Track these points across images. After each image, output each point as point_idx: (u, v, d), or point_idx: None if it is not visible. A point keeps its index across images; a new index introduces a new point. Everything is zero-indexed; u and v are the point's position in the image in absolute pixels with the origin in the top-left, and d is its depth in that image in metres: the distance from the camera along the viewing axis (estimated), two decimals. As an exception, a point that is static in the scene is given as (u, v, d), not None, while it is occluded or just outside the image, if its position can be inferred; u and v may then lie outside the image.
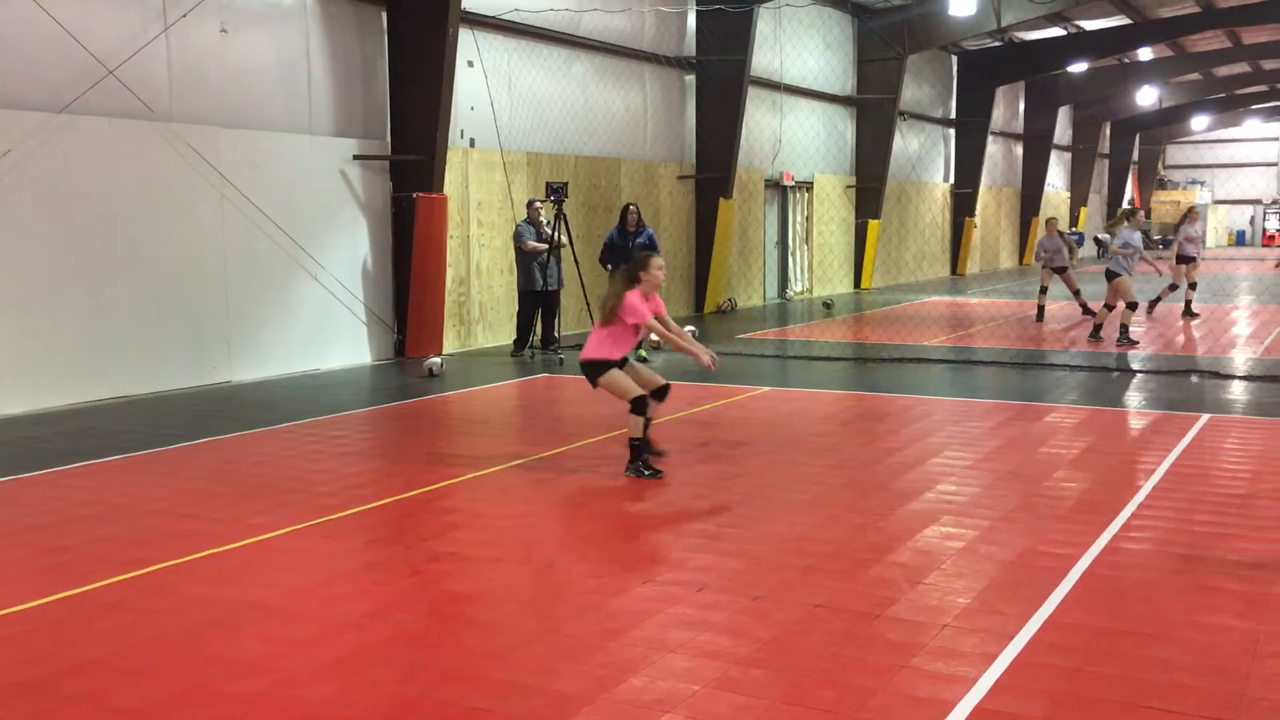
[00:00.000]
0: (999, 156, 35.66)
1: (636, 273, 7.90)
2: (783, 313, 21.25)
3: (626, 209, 13.82)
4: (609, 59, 18.13)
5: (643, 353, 13.95)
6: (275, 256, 12.85)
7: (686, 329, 9.19)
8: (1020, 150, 37.41)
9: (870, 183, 26.42)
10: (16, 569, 5.86)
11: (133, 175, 11.31)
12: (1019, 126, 37.13)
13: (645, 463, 7.80)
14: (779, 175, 23.41)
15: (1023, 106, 37.07)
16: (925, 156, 30.37)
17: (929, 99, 30.33)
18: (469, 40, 15.01)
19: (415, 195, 14.07)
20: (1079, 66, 32.98)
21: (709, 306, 20.75)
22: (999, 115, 34.13)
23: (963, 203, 32.39)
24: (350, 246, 13.91)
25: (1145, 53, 34.00)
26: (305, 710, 4.15)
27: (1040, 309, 19.16)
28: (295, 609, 5.21)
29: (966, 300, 23.80)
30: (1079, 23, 30.64)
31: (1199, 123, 49.14)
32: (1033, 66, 32.72)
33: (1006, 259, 37.03)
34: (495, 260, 15.67)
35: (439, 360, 13.03)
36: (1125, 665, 4.47)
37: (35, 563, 5.96)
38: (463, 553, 6.08)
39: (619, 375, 7.85)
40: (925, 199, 30.41)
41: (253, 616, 5.11)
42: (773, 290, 24.01)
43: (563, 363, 13.70)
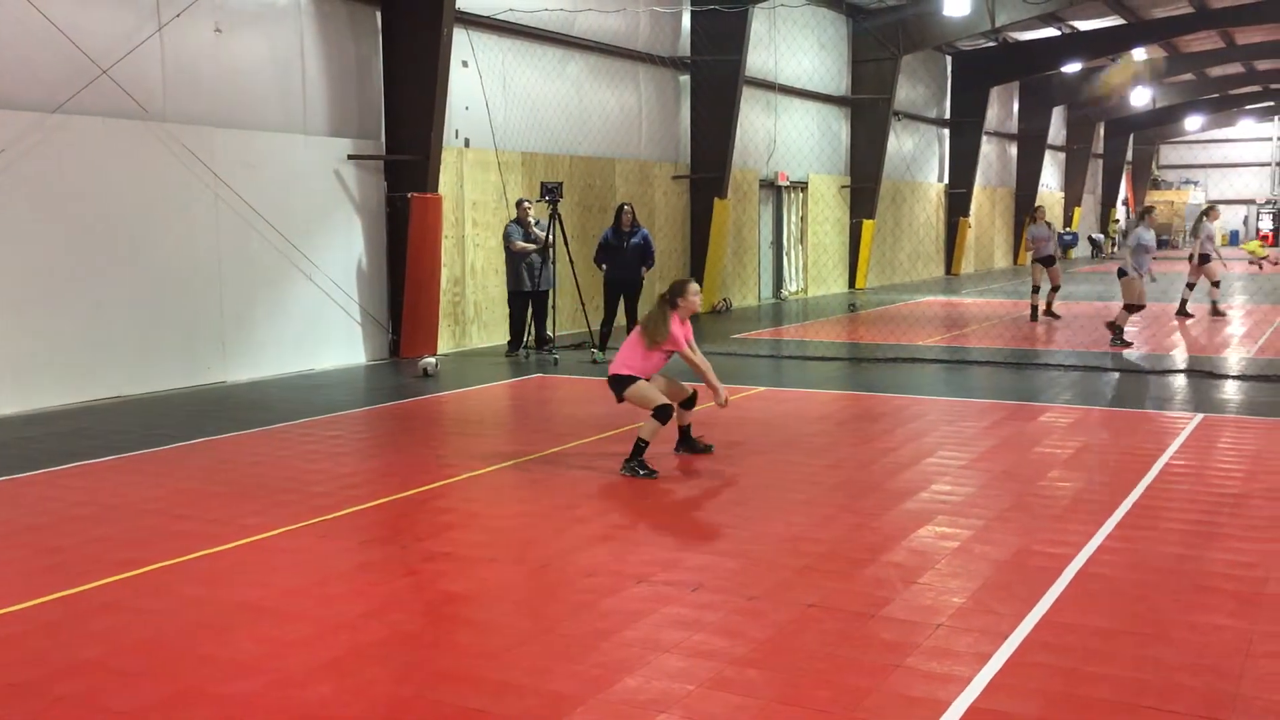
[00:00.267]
0: (993, 156, 35.71)
1: (675, 298, 8.12)
2: (778, 313, 21.26)
3: (621, 209, 13.83)
4: (604, 59, 18.13)
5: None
6: (270, 256, 12.84)
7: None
8: (1015, 150, 37.47)
9: (865, 183, 26.44)
10: (11, 569, 5.84)
11: (127, 175, 11.29)
12: (1013, 127, 37.18)
13: (642, 463, 7.83)
14: (774, 175, 23.42)
15: (1017, 106, 37.12)
16: (920, 157, 30.40)
17: (923, 99, 30.36)
18: (463, 40, 15.00)
19: (410, 195, 14.06)
20: (1073, 66, 33.04)
21: (704, 307, 20.76)
22: (993, 115, 34.17)
23: (957, 203, 32.43)
24: (345, 246, 13.90)
25: (1139, 53, 34.06)
26: (301, 711, 4.14)
27: (1034, 309, 19.15)
28: (290, 609, 5.21)
29: (961, 300, 23.82)
30: (1073, 23, 30.70)
31: (1193, 123, 49.26)
32: (1027, 67, 32.79)
33: (1001, 259, 37.09)
34: (490, 260, 15.66)
35: (434, 360, 13.03)
36: (1119, 664, 4.48)
37: (30, 563, 5.95)
38: (458, 553, 6.08)
39: (645, 386, 8.01)
40: (920, 199, 30.45)
41: (247, 617, 5.11)
42: (768, 290, 24.03)
43: (557, 363, 13.70)
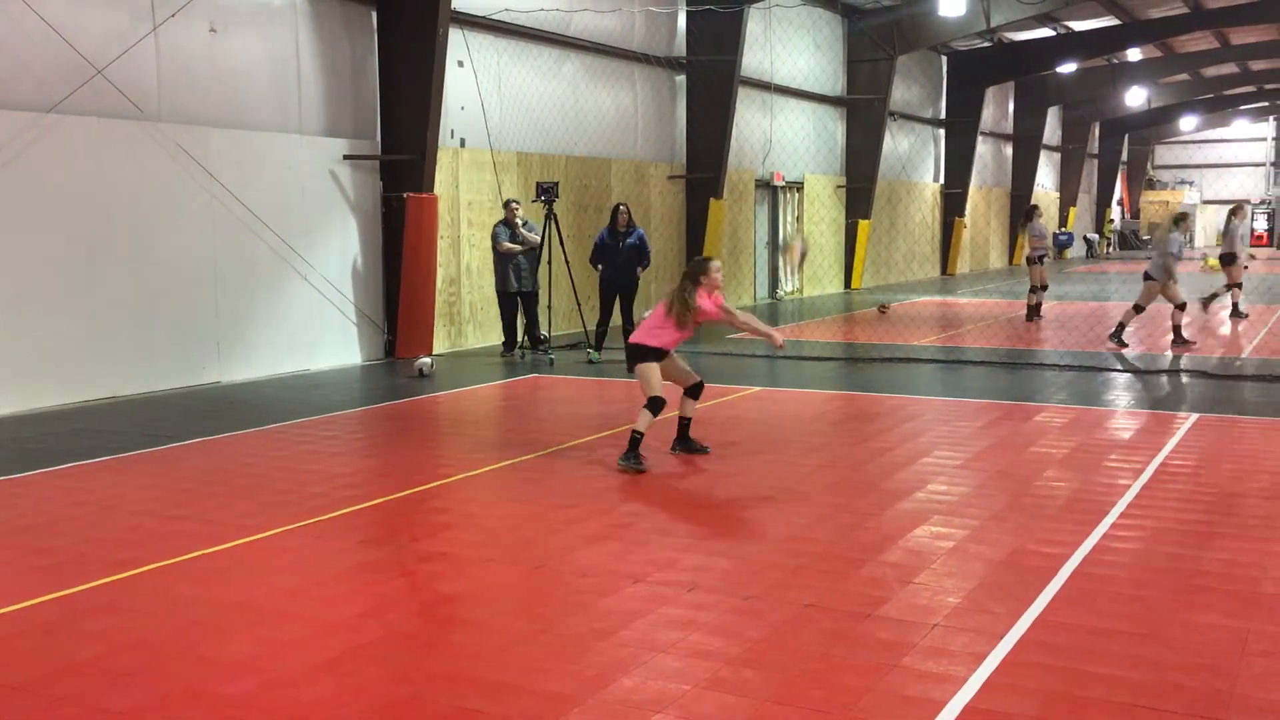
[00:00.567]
0: (988, 157, 35.76)
1: (698, 276, 8.32)
2: (773, 313, 21.26)
3: (617, 209, 13.83)
4: (599, 59, 18.13)
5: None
6: (265, 256, 12.82)
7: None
8: (1010, 150, 37.51)
9: (860, 183, 26.46)
10: (8, 570, 5.84)
11: (122, 175, 11.27)
12: (1008, 127, 37.23)
13: (639, 458, 8.00)
14: (769, 175, 23.43)
15: (1012, 107, 37.17)
16: (915, 157, 30.43)
17: (919, 99, 30.39)
18: (459, 40, 15.00)
19: (405, 195, 14.05)
20: (1068, 67, 33.09)
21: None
22: (988, 115, 34.21)
23: (952, 203, 32.47)
24: (340, 247, 13.89)
25: (1134, 53, 34.12)
26: (296, 711, 4.14)
27: (1029, 308, 19.19)
28: (286, 610, 5.20)
29: (956, 300, 23.85)
30: (1068, 23, 30.74)
31: (1187, 123, 49.35)
32: (1022, 67, 32.83)
33: (996, 259, 37.13)
34: (485, 260, 15.64)
35: (429, 360, 13.02)
36: (1115, 664, 4.49)
37: (25, 563, 5.94)
38: (454, 553, 6.08)
39: (654, 370, 8.28)
40: (915, 199, 30.47)
41: (243, 617, 5.11)
42: (763, 290, 24.04)
43: (553, 363, 13.70)
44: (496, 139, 15.81)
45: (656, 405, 8.11)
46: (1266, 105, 47.54)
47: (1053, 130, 41.19)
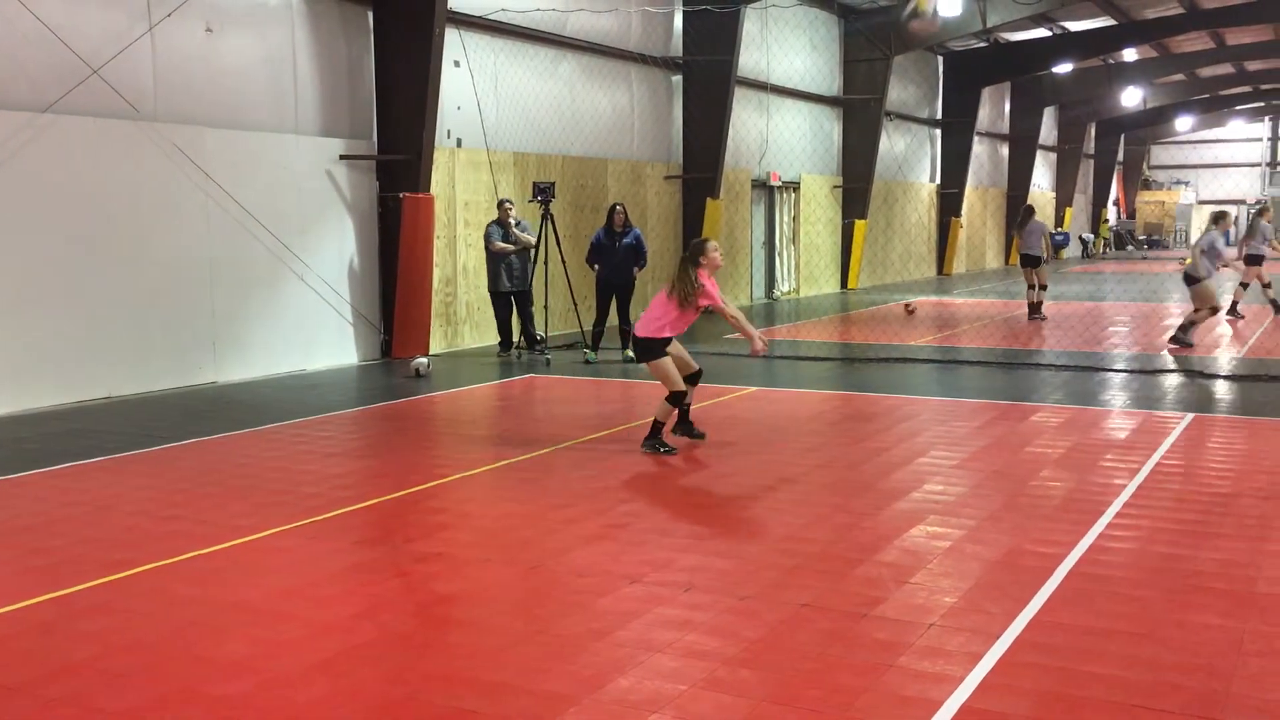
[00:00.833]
0: (985, 157, 35.77)
1: (697, 257, 8.48)
2: (770, 313, 21.27)
3: (613, 209, 13.82)
4: (596, 59, 18.13)
5: (630, 353, 13.95)
6: (261, 256, 12.81)
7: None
8: (1006, 150, 37.54)
9: (857, 183, 26.47)
10: (3, 570, 5.82)
11: (118, 175, 11.26)
12: (1005, 127, 37.25)
13: (661, 441, 8.45)
14: (766, 175, 23.44)
15: (1008, 107, 37.19)
16: (911, 157, 30.45)
17: (915, 99, 30.41)
18: (455, 40, 14.99)
19: (402, 195, 14.05)
20: (1064, 67, 33.12)
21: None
22: (985, 116, 34.23)
23: (949, 203, 32.48)
24: (336, 247, 13.88)
25: (1130, 53, 34.15)
26: (292, 712, 4.14)
27: (1031, 305, 19.26)
28: (282, 610, 5.20)
29: (953, 300, 23.86)
30: (1064, 24, 30.76)
31: (1183, 123, 49.39)
32: (1018, 67, 32.85)
33: (993, 259, 37.15)
34: (482, 260, 15.60)
35: (426, 361, 13.01)
36: (1111, 664, 4.49)
37: (21, 564, 5.93)
38: (450, 553, 6.08)
39: (670, 365, 8.50)
40: (911, 199, 30.49)
41: (239, 618, 5.10)
42: (760, 290, 24.05)
43: (549, 363, 13.69)
44: (493, 139, 15.80)
45: (677, 399, 8.49)
46: (1262, 105, 47.60)
47: (1049, 130, 41.22)
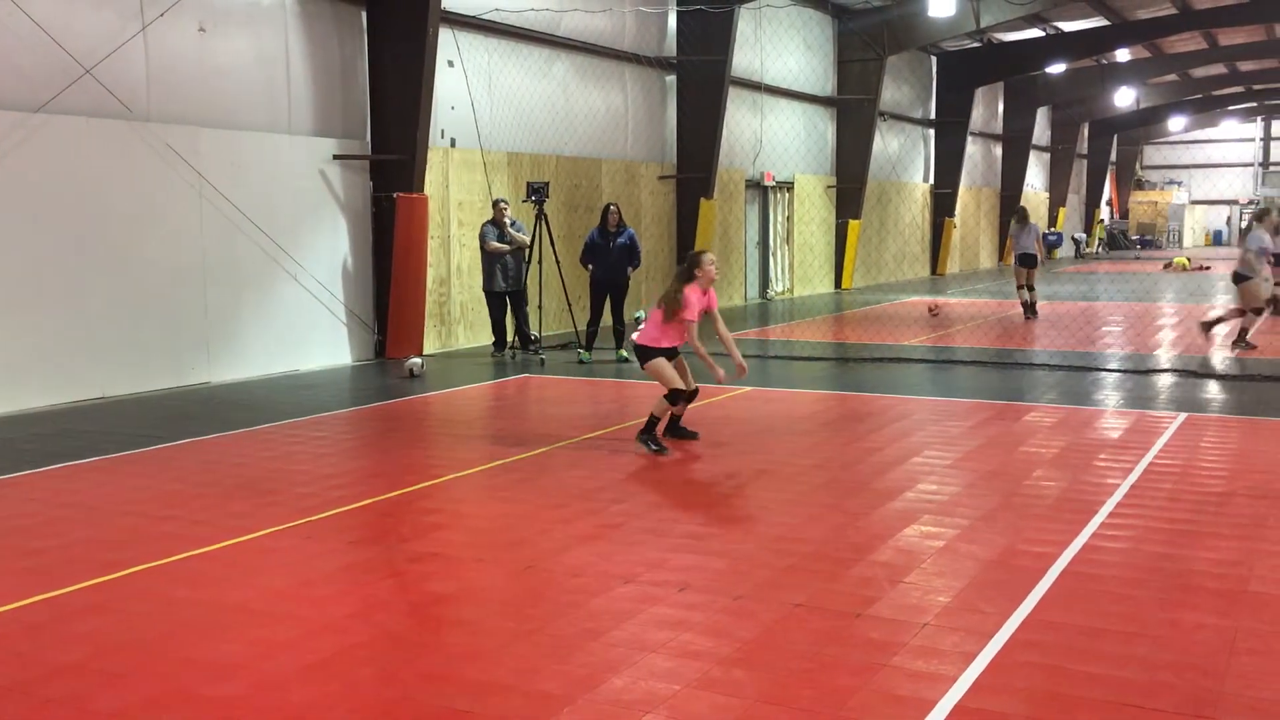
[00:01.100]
0: (978, 157, 35.83)
1: (691, 270, 8.57)
2: (764, 313, 21.29)
3: (607, 209, 13.81)
4: (590, 59, 18.13)
5: (623, 353, 13.96)
6: (255, 256, 12.79)
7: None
8: (999, 151, 37.60)
9: (851, 183, 26.50)
10: (-6, 572, 5.82)
11: (110, 175, 11.24)
12: (998, 127, 37.31)
13: (655, 438, 8.50)
14: (760, 175, 23.45)
15: (1002, 107, 37.25)
16: (905, 157, 30.48)
17: (909, 100, 30.44)
18: (449, 40, 14.98)
19: (396, 195, 14.04)
20: (1057, 67, 33.18)
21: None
22: (978, 116, 34.28)
23: (942, 203, 32.53)
24: (330, 247, 13.86)
25: (1123, 54, 34.22)
26: (286, 713, 4.13)
27: (1025, 305, 19.28)
28: (276, 611, 5.19)
29: (946, 300, 23.88)
30: (1057, 24, 30.83)
31: (1176, 123, 49.52)
32: (1012, 67, 32.91)
33: (986, 259, 37.21)
34: (476, 260, 15.60)
35: (419, 361, 13.00)
36: (1104, 663, 4.50)
37: (14, 564, 5.92)
38: (444, 553, 6.08)
39: (666, 365, 8.58)
40: (905, 199, 30.53)
41: (233, 618, 5.09)
42: (754, 290, 24.06)
43: (544, 363, 13.69)
44: (487, 139, 15.80)
45: (675, 397, 8.57)
46: (1255, 106, 47.76)
47: (1042, 130, 41.31)
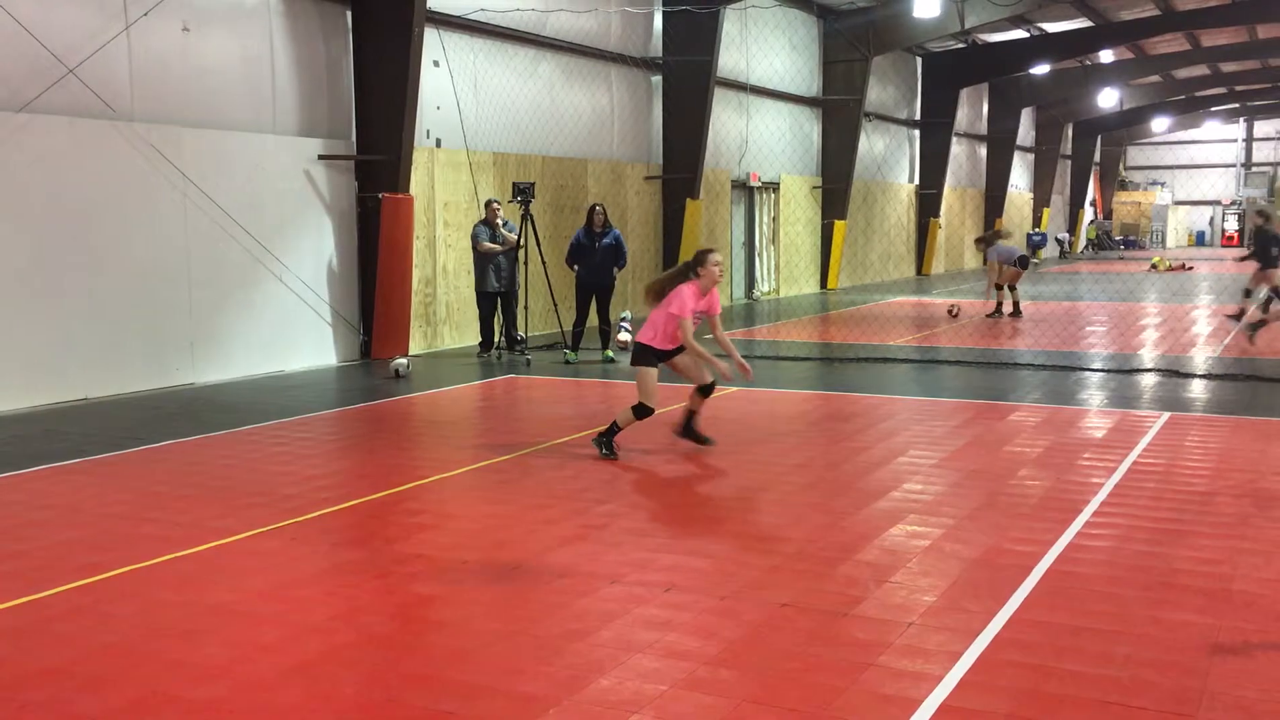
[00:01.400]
0: (963, 157, 35.94)
1: (695, 267, 8.21)
2: (750, 313, 21.31)
3: (593, 209, 13.80)
4: (575, 59, 18.12)
5: (609, 353, 13.95)
6: (239, 257, 12.74)
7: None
8: (984, 151, 37.72)
9: (836, 183, 26.55)
10: (-25, 574, 5.78)
11: (93, 175, 11.18)
12: (983, 128, 37.44)
13: (609, 444, 8.31)
14: (746, 176, 23.48)
15: (986, 108, 37.38)
16: (890, 157, 30.56)
17: (894, 100, 30.51)
18: (434, 40, 14.95)
19: (381, 195, 14.00)
20: (1041, 68, 33.31)
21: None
22: (963, 116, 34.39)
23: (927, 203, 32.63)
24: (315, 247, 13.82)
25: (1106, 55, 34.38)
26: (270, 715, 4.11)
27: (1015, 304, 19.37)
28: (259, 613, 5.17)
29: (932, 300, 23.95)
30: (1041, 25, 30.93)
31: (1159, 124, 49.74)
32: (996, 68, 33.03)
33: (971, 259, 37.30)
34: (461, 261, 15.61)
35: (405, 361, 12.97)
36: (1088, 662, 4.52)
37: (-6, 568, 5.88)
38: (429, 554, 6.06)
39: (650, 378, 8.27)
40: (890, 200, 30.60)
41: (216, 621, 5.07)
42: (740, 290, 24.08)
43: (529, 364, 13.67)
44: (472, 139, 15.77)
45: (641, 413, 8.26)
46: (1237, 107, 48.01)
47: (1026, 131, 41.46)
